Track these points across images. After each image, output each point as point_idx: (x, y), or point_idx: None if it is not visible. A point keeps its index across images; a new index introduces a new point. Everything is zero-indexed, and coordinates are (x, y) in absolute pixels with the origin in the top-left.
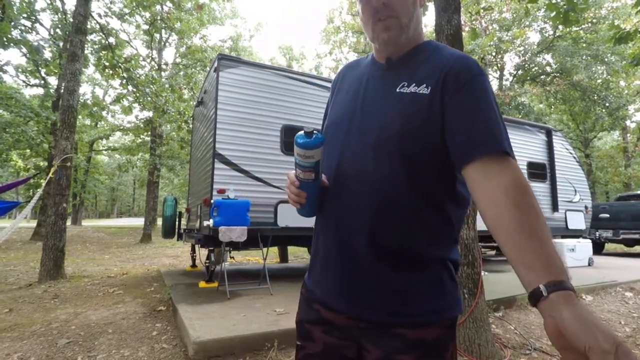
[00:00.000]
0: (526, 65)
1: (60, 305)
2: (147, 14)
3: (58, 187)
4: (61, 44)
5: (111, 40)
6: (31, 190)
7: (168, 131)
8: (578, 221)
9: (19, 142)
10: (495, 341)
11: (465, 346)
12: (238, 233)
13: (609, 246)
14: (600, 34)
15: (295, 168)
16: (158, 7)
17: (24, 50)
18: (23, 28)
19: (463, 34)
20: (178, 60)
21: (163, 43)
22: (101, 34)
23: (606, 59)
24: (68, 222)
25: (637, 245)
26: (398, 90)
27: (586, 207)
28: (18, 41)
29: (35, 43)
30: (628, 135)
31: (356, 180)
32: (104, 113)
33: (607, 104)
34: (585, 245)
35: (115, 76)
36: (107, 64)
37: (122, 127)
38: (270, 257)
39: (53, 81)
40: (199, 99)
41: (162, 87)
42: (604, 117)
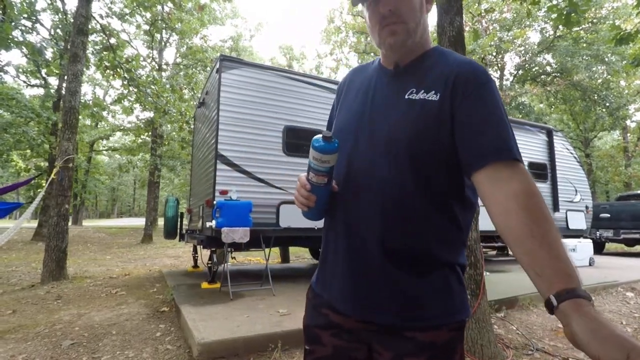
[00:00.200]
0: (526, 65)
1: (63, 306)
2: (148, 15)
3: (60, 188)
4: (62, 45)
5: (112, 41)
6: (32, 190)
7: (169, 131)
8: (579, 221)
9: (20, 143)
10: (497, 342)
11: (467, 347)
12: (241, 234)
13: (610, 246)
14: (600, 34)
15: (308, 171)
16: (159, 8)
17: (25, 50)
18: (24, 28)
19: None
20: (179, 60)
21: (164, 43)
22: (102, 35)
23: (606, 59)
24: (69, 223)
25: (638, 244)
26: (407, 96)
27: (587, 207)
28: (20, 42)
29: (37, 44)
30: (628, 134)
31: (367, 186)
32: (105, 113)
33: (608, 104)
34: (586, 245)
35: (116, 77)
36: (108, 65)
37: (123, 127)
38: (271, 258)
39: (53, 81)
40: (201, 100)
41: (163, 88)
42: (604, 117)
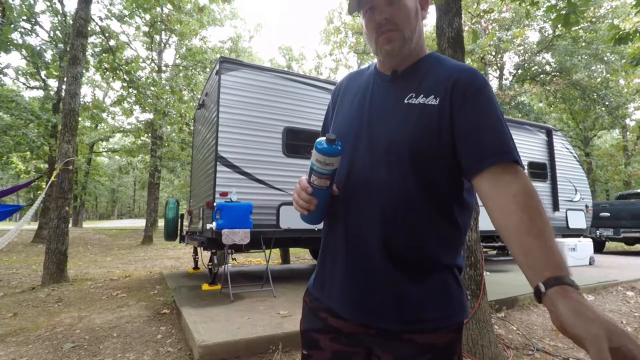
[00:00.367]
0: (526, 64)
1: (64, 308)
2: (147, 16)
3: (60, 191)
4: (61, 46)
5: (112, 42)
6: (32, 193)
7: (168, 133)
8: (579, 220)
9: (20, 145)
10: (498, 342)
11: (468, 347)
12: (241, 236)
13: (610, 245)
14: (599, 33)
15: (309, 174)
16: (158, 9)
17: (25, 53)
18: (23, 31)
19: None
20: (178, 61)
21: (163, 45)
22: (102, 37)
23: (605, 58)
24: (69, 225)
25: (638, 243)
26: (406, 101)
27: (587, 206)
28: (20, 45)
29: (37, 47)
30: (628, 133)
31: (368, 188)
32: (104, 115)
33: (607, 103)
34: (586, 244)
35: (115, 78)
36: (108, 67)
37: (123, 129)
38: (272, 259)
39: (53, 83)
40: (200, 102)
41: (163, 89)
42: (604, 116)
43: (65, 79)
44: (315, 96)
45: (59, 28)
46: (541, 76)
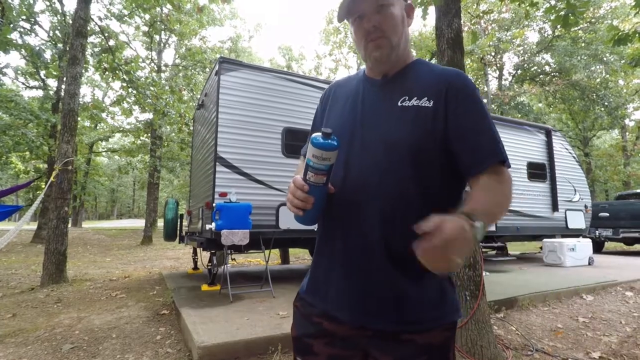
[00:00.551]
0: (525, 64)
1: (63, 309)
2: (147, 16)
3: (59, 191)
4: (60, 46)
5: (111, 42)
6: (31, 193)
7: (168, 133)
8: (578, 220)
9: (19, 145)
10: (497, 342)
11: (467, 348)
12: (240, 236)
13: (609, 245)
14: (599, 34)
15: (306, 171)
16: (157, 9)
17: (24, 52)
18: (22, 30)
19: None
20: (178, 61)
21: (163, 44)
22: (101, 36)
23: (605, 59)
24: (68, 225)
25: (637, 243)
26: (400, 104)
27: (586, 207)
28: (19, 45)
29: (36, 48)
30: (627, 133)
31: (366, 190)
32: (104, 115)
33: (606, 103)
34: (585, 244)
35: (115, 78)
36: (107, 67)
37: (122, 129)
38: (271, 259)
39: (52, 83)
40: (200, 102)
41: (162, 89)
42: (603, 116)
43: (64, 79)
44: (314, 97)
45: (59, 28)
46: (540, 76)
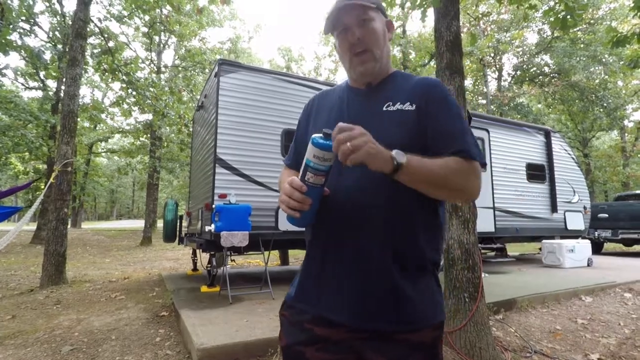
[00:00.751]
0: (524, 65)
1: (62, 311)
2: (147, 17)
3: (59, 192)
4: (60, 47)
5: (111, 44)
6: (31, 194)
7: (167, 133)
8: (577, 222)
9: (19, 146)
10: (496, 344)
11: (466, 350)
12: (240, 238)
13: (608, 246)
14: (598, 35)
15: (303, 172)
16: (157, 10)
17: (24, 53)
18: (22, 31)
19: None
20: (177, 62)
21: (162, 45)
22: (101, 37)
23: (604, 60)
24: (68, 226)
25: (636, 244)
26: (385, 108)
27: (585, 208)
28: (19, 47)
29: (36, 49)
30: (626, 134)
31: (360, 193)
32: (103, 116)
33: (605, 104)
34: (584, 246)
35: (114, 79)
36: (107, 68)
37: (122, 130)
38: (271, 260)
39: (52, 84)
40: (199, 103)
41: (162, 90)
42: (602, 117)
43: (64, 80)
44: None
45: (58, 29)
46: (540, 77)
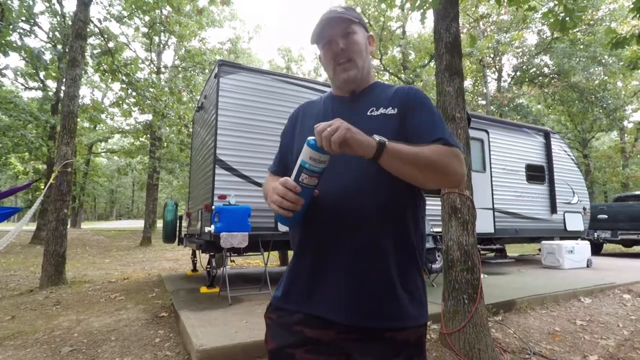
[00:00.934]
0: (524, 66)
1: (62, 311)
2: (147, 18)
3: (59, 193)
4: (60, 47)
5: (111, 44)
6: (30, 194)
7: (167, 134)
8: (576, 222)
9: (18, 146)
10: (495, 346)
11: (465, 351)
12: (239, 239)
13: (607, 246)
14: (597, 36)
15: (298, 173)
16: (157, 11)
17: (24, 54)
18: (22, 32)
19: (461, 40)
20: (177, 63)
21: (162, 46)
22: (101, 38)
23: (603, 60)
24: (67, 226)
25: (635, 245)
26: (369, 114)
27: (584, 209)
28: (19, 47)
29: (36, 50)
30: (625, 135)
31: (360, 193)
32: (103, 116)
33: (605, 105)
34: (583, 246)
35: (114, 80)
36: (107, 68)
37: (121, 130)
38: (270, 260)
39: (52, 84)
40: (199, 104)
41: (162, 91)
42: (602, 118)
43: (64, 81)
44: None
45: (58, 29)
46: (539, 78)
